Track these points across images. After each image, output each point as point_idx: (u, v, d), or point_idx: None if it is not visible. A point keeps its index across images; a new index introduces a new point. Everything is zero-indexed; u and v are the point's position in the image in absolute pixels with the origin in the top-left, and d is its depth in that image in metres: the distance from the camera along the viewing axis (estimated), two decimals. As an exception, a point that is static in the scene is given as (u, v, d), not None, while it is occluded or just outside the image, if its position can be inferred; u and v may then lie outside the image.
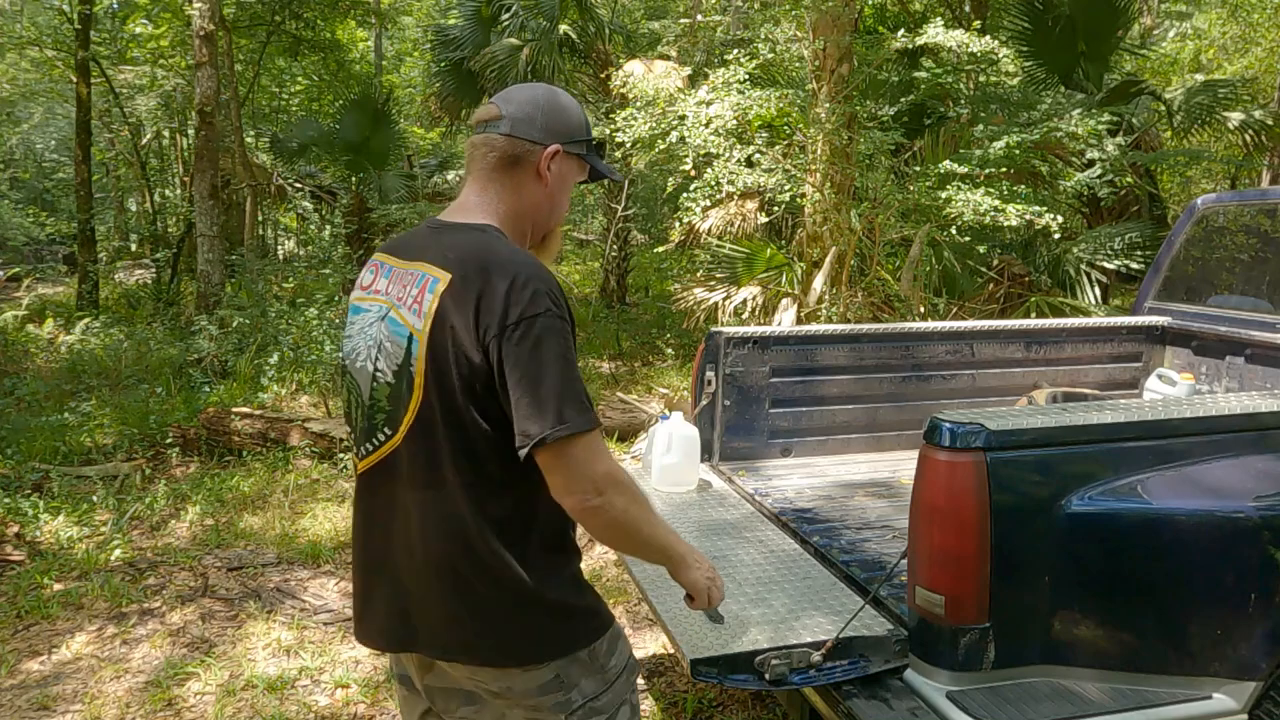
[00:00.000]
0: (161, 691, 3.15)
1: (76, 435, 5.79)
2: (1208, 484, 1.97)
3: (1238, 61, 12.79)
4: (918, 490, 1.93)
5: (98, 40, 12.67)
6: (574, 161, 1.61)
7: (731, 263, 7.56)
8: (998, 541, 1.83)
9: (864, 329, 3.61)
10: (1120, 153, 6.69)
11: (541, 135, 1.55)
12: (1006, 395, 3.64)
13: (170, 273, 11.72)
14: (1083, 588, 1.90)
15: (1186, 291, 3.85)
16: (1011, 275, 6.92)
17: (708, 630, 2.03)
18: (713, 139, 6.01)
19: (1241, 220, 3.82)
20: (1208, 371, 3.67)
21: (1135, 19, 9.36)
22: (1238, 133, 7.72)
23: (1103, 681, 1.91)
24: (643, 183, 13.22)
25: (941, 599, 1.87)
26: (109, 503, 4.92)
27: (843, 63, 6.33)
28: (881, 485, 3.19)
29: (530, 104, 1.57)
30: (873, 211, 6.35)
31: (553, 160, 1.56)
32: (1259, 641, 1.92)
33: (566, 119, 1.58)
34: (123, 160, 16.36)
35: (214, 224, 8.74)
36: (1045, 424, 1.92)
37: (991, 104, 7.54)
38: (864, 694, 1.90)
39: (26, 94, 16.70)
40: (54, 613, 3.73)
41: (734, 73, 6.32)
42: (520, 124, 1.55)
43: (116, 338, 8.74)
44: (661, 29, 12.39)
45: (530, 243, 1.60)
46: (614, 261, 11.95)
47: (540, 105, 1.57)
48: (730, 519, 2.83)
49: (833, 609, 2.14)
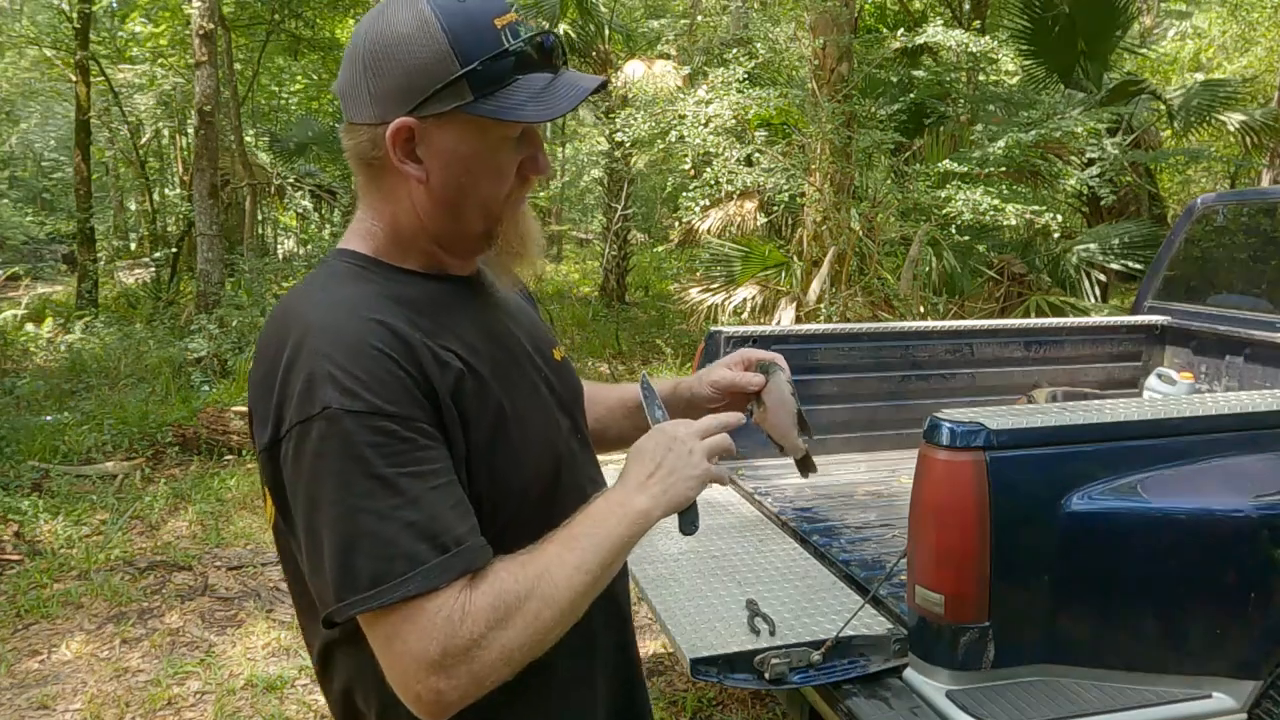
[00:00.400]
0: (161, 691, 3.15)
1: (76, 434, 5.79)
2: (1208, 483, 1.97)
3: (1238, 61, 12.79)
4: (917, 489, 1.92)
5: (97, 39, 12.66)
6: (456, 124, 0.96)
7: (731, 262, 7.57)
8: (997, 541, 1.83)
9: (864, 328, 3.61)
10: (1120, 152, 6.69)
11: (375, 109, 0.96)
12: (1006, 395, 3.63)
13: (170, 272, 11.70)
14: (1082, 587, 1.90)
15: (1186, 291, 3.85)
16: (1011, 274, 6.92)
17: (708, 630, 2.03)
18: (712, 138, 6.01)
19: (1241, 220, 3.82)
20: (1207, 371, 3.67)
21: (1135, 18, 9.36)
22: (1237, 133, 7.72)
23: (1102, 681, 1.91)
24: (642, 182, 13.22)
25: (941, 598, 1.87)
26: (108, 502, 4.92)
27: (842, 62, 6.33)
28: (881, 485, 3.19)
29: (350, 64, 0.98)
30: (872, 211, 6.36)
31: (405, 144, 0.96)
32: (1258, 641, 1.92)
33: (407, 67, 0.94)
34: (122, 159, 16.35)
35: (213, 223, 8.73)
36: (1045, 423, 1.92)
37: (991, 103, 7.54)
38: (864, 693, 1.90)
39: (26, 93, 16.69)
40: (53, 612, 3.73)
41: (733, 72, 6.33)
42: (348, 101, 0.99)
43: (116, 337, 8.74)
44: (661, 28, 12.38)
45: (469, 249, 1.06)
46: (613, 261, 11.95)
47: (362, 60, 0.96)
48: (730, 519, 2.83)
49: (832, 608, 2.14)
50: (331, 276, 1.01)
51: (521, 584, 0.91)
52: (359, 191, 1.05)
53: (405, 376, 0.91)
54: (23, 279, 13.56)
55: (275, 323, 0.98)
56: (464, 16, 0.95)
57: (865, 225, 6.40)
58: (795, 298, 6.46)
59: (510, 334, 1.09)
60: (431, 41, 0.94)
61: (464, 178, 0.99)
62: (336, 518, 0.87)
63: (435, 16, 0.94)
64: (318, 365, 0.89)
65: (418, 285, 1.02)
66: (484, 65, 0.94)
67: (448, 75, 0.93)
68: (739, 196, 7.58)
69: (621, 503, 1.00)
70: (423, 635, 0.86)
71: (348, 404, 0.87)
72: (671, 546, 2.56)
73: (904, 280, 6.22)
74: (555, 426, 1.10)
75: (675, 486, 1.04)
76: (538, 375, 1.09)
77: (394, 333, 0.93)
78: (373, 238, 1.03)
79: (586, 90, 0.99)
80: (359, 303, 0.95)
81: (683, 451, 1.05)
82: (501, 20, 0.97)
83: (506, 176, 1.01)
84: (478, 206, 1.01)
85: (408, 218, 1.01)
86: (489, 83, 0.94)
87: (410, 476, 0.88)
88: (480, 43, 0.94)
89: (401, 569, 0.86)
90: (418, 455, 0.90)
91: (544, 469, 1.05)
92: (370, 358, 0.90)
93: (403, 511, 0.87)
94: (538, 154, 1.02)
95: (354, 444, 0.87)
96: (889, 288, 6.38)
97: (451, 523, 0.89)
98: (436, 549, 0.87)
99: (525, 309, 1.20)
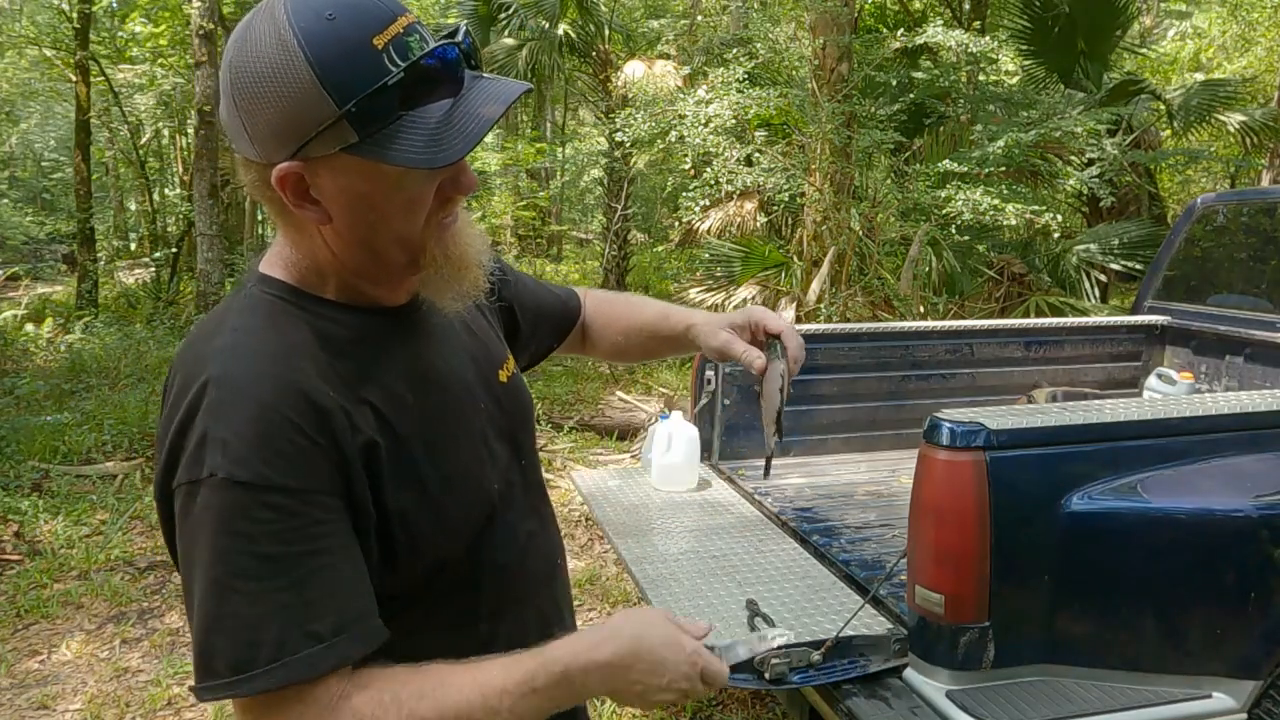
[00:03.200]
0: (161, 691, 3.15)
1: (76, 434, 5.79)
2: (1207, 483, 1.97)
3: (1238, 61, 12.80)
4: (917, 489, 1.92)
5: (97, 39, 12.66)
6: (347, 164, 0.83)
7: (730, 262, 7.57)
8: (997, 541, 1.83)
9: (864, 328, 3.61)
10: (1120, 152, 6.70)
11: (257, 149, 0.85)
12: (1006, 395, 3.63)
13: (170, 272, 11.70)
14: (1082, 587, 1.90)
15: (1186, 291, 3.85)
16: (1011, 274, 6.92)
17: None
18: (712, 138, 6.02)
19: (1241, 220, 3.82)
20: (1207, 370, 3.67)
21: (1135, 18, 9.37)
22: (1237, 133, 7.73)
23: (1102, 680, 1.91)
24: (642, 182, 13.23)
25: (941, 598, 1.87)
26: (108, 502, 4.91)
27: (842, 61, 6.33)
28: (881, 484, 3.19)
29: (223, 94, 0.85)
30: (872, 211, 6.36)
31: (297, 187, 0.85)
32: (1259, 640, 1.92)
33: (277, 106, 0.80)
34: (122, 159, 16.35)
35: (213, 223, 8.74)
36: (1045, 423, 1.92)
37: (991, 103, 7.54)
38: (864, 693, 1.90)
39: (25, 93, 16.70)
40: (53, 612, 3.73)
41: (733, 72, 6.33)
42: (230, 134, 0.87)
43: (116, 337, 8.74)
44: (661, 28, 12.39)
45: (393, 281, 0.96)
46: (613, 261, 11.94)
47: (230, 94, 0.83)
48: (730, 519, 2.83)
49: (832, 608, 2.14)
50: (249, 311, 0.90)
51: (430, 709, 0.83)
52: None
53: (310, 446, 0.82)
54: (23, 279, 13.57)
55: (182, 362, 0.89)
56: (334, 41, 0.79)
57: (865, 225, 6.40)
58: (795, 298, 6.46)
59: (442, 369, 1.00)
60: (298, 78, 0.78)
61: (370, 215, 0.87)
62: (206, 591, 0.80)
63: (298, 44, 0.78)
64: (213, 426, 0.81)
65: (343, 320, 0.92)
66: (359, 106, 0.79)
67: (323, 117, 0.79)
68: (739, 196, 7.58)
69: (571, 678, 0.89)
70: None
71: (236, 473, 0.79)
72: (671, 546, 2.56)
73: (904, 280, 6.22)
74: (491, 464, 1.03)
75: (629, 695, 0.93)
76: (474, 410, 1.02)
77: (306, 396, 0.83)
78: (295, 267, 0.93)
79: (491, 120, 0.83)
80: (272, 354, 0.86)
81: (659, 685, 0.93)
82: (382, 37, 0.80)
83: (420, 207, 0.88)
84: (393, 241, 0.89)
85: (324, 254, 0.91)
86: (373, 121, 0.80)
87: (295, 556, 0.81)
88: (358, 75, 0.79)
89: (266, 657, 0.79)
90: (309, 531, 0.82)
91: (472, 517, 0.99)
92: (272, 424, 0.81)
93: (279, 594, 0.80)
94: (459, 174, 0.89)
95: (236, 517, 0.79)
96: (889, 288, 6.39)
97: (332, 609, 0.82)
98: (309, 639, 0.80)
99: (476, 325, 1.11)
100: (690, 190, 6.39)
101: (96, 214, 13.52)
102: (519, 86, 0.87)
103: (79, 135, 11.59)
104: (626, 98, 8.52)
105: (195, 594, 0.81)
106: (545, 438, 5.94)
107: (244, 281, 0.96)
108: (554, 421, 6.31)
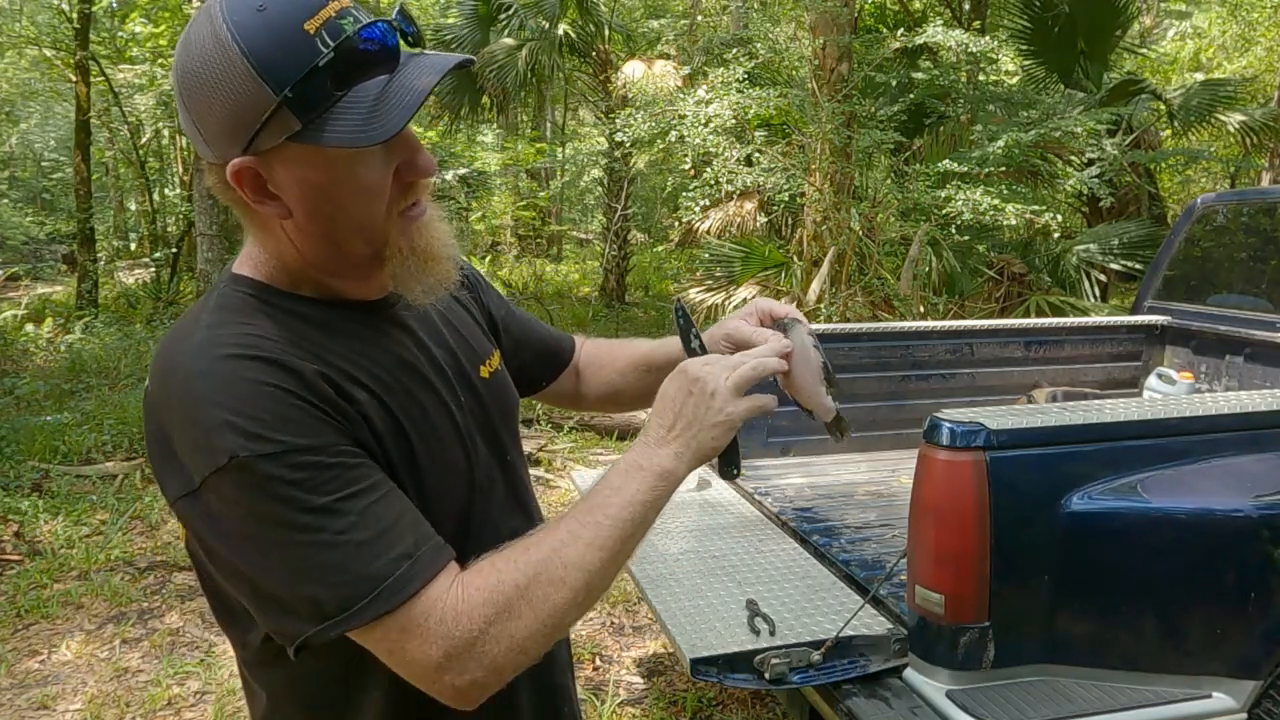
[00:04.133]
0: (161, 691, 3.15)
1: (76, 435, 5.79)
2: (1207, 483, 1.97)
3: (1238, 61, 12.80)
4: (917, 489, 1.92)
5: (97, 39, 12.67)
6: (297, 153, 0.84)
7: (730, 262, 7.57)
8: (997, 541, 1.83)
9: (864, 328, 3.61)
10: (1119, 153, 6.70)
11: (212, 149, 0.86)
12: (1006, 395, 3.63)
13: (170, 272, 11.71)
14: (1082, 587, 1.90)
15: (1186, 290, 3.86)
16: (1011, 274, 6.93)
17: (708, 630, 2.03)
18: (712, 138, 6.02)
19: (1241, 220, 3.82)
20: (1207, 370, 3.67)
21: (1135, 18, 9.37)
22: (1237, 133, 7.73)
23: (1102, 680, 1.91)
24: (642, 182, 13.23)
25: (941, 598, 1.87)
26: (108, 502, 4.92)
27: (842, 61, 6.33)
28: (881, 485, 3.19)
29: (177, 99, 0.86)
30: (872, 211, 6.36)
31: (254, 183, 0.86)
32: (1258, 640, 1.92)
33: (221, 102, 0.82)
34: (122, 159, 16.36)
35: (214, 223, 8.74)
36: (1045, 423, 1.92)
37: (991, 103, 7.54)
38: (863, 693, 1.90)
39: (25, 93, 16.71)
40: (53, 612, 3.73)
41: (733, 72, 6.33)
42: (192, 138, 0.88)
43: (116, 337, 8.74)
44: (661, 28, 12.39)
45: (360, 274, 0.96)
46: (613, 261, 11.95)
47: (180, 98, 0.85)
48: (730, 519, 2.83)
49: (832, 608, 2.14)
50: (221, 309, 0.91)
51: (523, 571, 0.87)
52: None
53: (311, 408, 0.84)
54: (23, 279, 13.58)
55: (161, 368, 0.88)
56: (265, 30, 0.80)
57: (865, 225, 6.40)
58: (795, 298, 6.46)
59: (420, 360, 1.00)
60: (234, 70, 0.80)
61: (327, 206, 0.87)
62: (282, 560, 0.82)
63: (232, 38, 0.80)
64: (209, 415, 0.81)
65: (318, 314, 0.93)
66: (295, 90, 0.80)
67: (265, 106, 0.80)
68: (739, 196, 7.58)
69: (641, 464, 0.92)
70: (421, 642, 0.84)
71: (256, 448, 0.80)
72: (671, 546, 2.56)
73: (904, 280, 6.22)
74: (471, 459, 1.03)
75: (699, 437, 0.93)
76: (454, 403, 1.02)
77: (283, 366, 0.85)
78: (264, 266, 0.95)
79: (424, 91, 0.83)
80: (250, 337, 0.87)
81: (704, 394, 0.93)
82: (314, 22, 0.81)
83: (379, 193, 0.88)
84: (355, 232, 0.90)
85: (289, 251, 0.92)
86: (313, 105, 0.81)
87: (346, 499, 0.83)
88: (290, 60, 0.80)
89: (366, 589, 0.82)
90: (349, 476, 0.84)
91: (451, 508, 0.99)
92: (270, 396, 0.83)
93: (350, 534, 0.82)
94: (414, 156, 0.90)
95: (275, 487, 0.81)
96: (889, 288, 6.39)
97: (404, 530, 0.85)
98: (397, 559, 0.84)
99: (456, 320, 1.11)
100: (690, 190, 6.39)
101: (96, 214, 13.52)
102: (455, 58, 0.87)
103: (79, 135, 11.60)
104: (626, 98, 8.53)
105: (272, 569, 0.83)
106: (545, 438, 5.94)
107: (217, 283, 0.96)
108: (554, 421, 6.31)
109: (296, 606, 0.83)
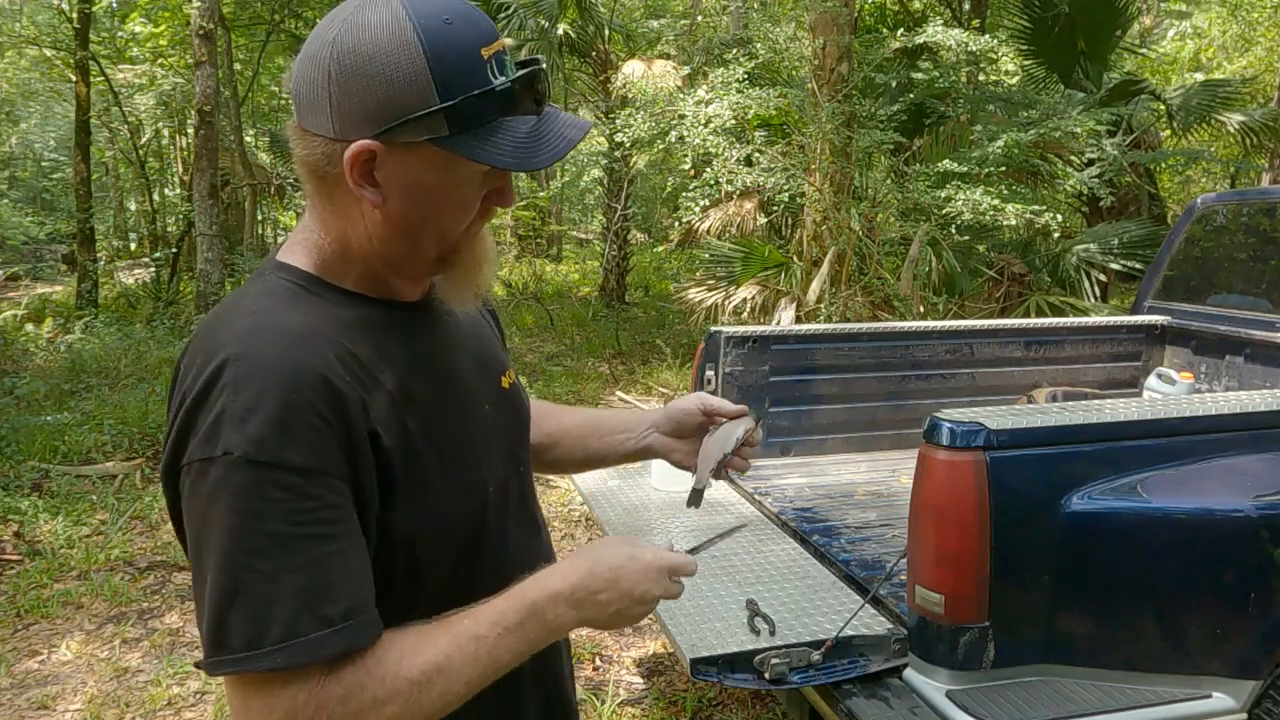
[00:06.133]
0: (161, 691, 3.15)
1: (76, 435, 5.79)
2: (1208, 483, 1.97)
3: (1238, 61, 12.80)
4: (917, 489, 1.93)
5: (97, 39, 12.67)
6: (424, 154, 0.87)
7: (730, 262, 7.57)
8: (997, 541, 1.83)
9: (864, 328, 3.61)
10: (1119, 153, 6.70)
11: (335, 124, 0.87)
12: (1006, 394, 3.64)
13: (170, 272, 11.70)
14: (1082, 587, 1.90)
15: (1186, 290, 3.86)
16: (1011, 274, 6.93)
17: (708, 630, 2.03)
18: (712, 138, 6.02)
19: (1241, 220, 3.82)
20: (1207, 370, 3.67)
21: (1135, 18, 9.37)
22: (1237, 133, 7.73)
23: (1102, 680, 1.91)
24: (642, 182, 13.23)
25: (941, 598, 1.87)
26: (108, 502, 4.91)
27: (842, 62, 6.33)
28: (881, 485, 3.19)
29: (313, 66, 0.87)
30: (872, 211, 6.36)
31: (364, 166, 0.87)
32: (1258, 640, 1.92)
33: (379, 88, 0.84)
34: (122, 159, 16.37)
35: (213, 223, 8.74)
36: (1045, 423, 1.92)
37: (991, 103, 7.55)
38: (863, 693, 1.90)
39: (25, 93, 16.71)
40: (53, 612, 3.73)
41: (733, 72, 6.33)
42: (304, 106, 0.89)
43: (116, 337, 8.74)
44: (661, 28, 12.39)
45: (420, 273, 0.99)
46: (613, 261, 11.95)
47: (327, 69, 0.86)
48: (730, 519, 2.83)
49: (832, 608, 2.14)
50: (266, 295, 0.92)
51: (412, 668, 0.86)
52: (308, 200, 0.96)
53: (325, 428, 0.84)
54: (23, 279, 13.58)
55: (199, 342, 0.90)
56: (450, 42, 0.85)
57: (865, 225, 6.40)
58: (795, 298, 6.46)
59: (452, 369, 1.02)
60: (411, 66, 0.84)
61: (425, 208, 0.91)
62: (222, 568, 0.81)
63: (418, 37, 0.84)
64: (230, 403, 0.82)
65: (359, 310, 0.95)
66: (467, 103, 0.85)
67: (424, 106, 0.85)
68: (739, 196, 7.58)
69: (547, 616, 0.93)
70: (272, 712, 0.81)
71: (251, 452, 0.80)
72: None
73: (904, 280, 6.22)
74: (488, 468, 1.04)
75: (613, 620, 0.98)
76: (476, 414, 1.04)
77: (324, 379, 0.85)
78: (318, 252, 0.95)
79: (573, 142, 0.91)
80: (291, 335, 0.87)
81: (643, 597, 0.99)
82: (489, 50, 0.87)
83: (470, 209, 0.94)
84: (435, 236, 0.94)
85: (358, 238, 0.93)
86: (469, 120, 0.86)
87: (308, 538, 0.82)
88: (465, 75, 0.86)
89: (277, 636, 0.80)
90: (323, 515, 0.83)
91: (465, 518, 1.00)
92: (291, 404, 0.83)
93: (293, 575, 0.81)
94: (505, 187, 0.95)
95: (251, 496, 0.81)
96: (889, 288, 6.39)
97: (342, 594, 0.83)
98: (319, 622, 0.81)
99: (480, 330, 1.14)
100: (690, 190, 6.39)
101: (96, 214, 13.52)
102: (587, 124, 0.96)
103: (79, 135, 11.60)
104: (626, 98, 8.53)
105: (208, 570, 0.82)
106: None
107: (262, 269, 0.98)
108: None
109: (209, 625, 0.82)
